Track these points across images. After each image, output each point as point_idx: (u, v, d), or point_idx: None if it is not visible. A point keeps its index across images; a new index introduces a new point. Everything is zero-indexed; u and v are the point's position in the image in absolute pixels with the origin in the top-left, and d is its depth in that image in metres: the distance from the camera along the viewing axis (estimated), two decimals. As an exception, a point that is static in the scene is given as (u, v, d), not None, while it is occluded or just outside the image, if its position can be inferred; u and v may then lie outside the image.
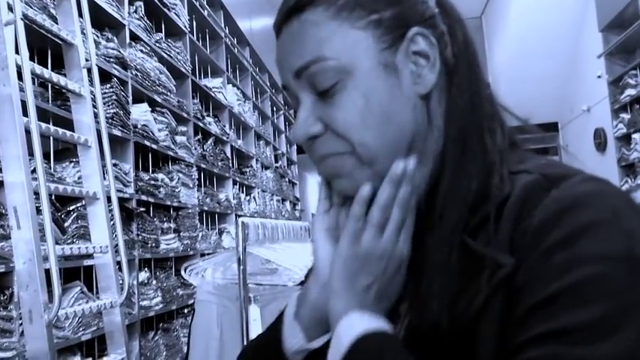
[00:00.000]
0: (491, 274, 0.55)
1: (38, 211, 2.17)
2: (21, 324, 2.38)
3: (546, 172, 0.59)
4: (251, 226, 2.48)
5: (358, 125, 0.61)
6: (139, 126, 3.78)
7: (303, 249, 2.97)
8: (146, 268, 3.89)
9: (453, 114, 0.64)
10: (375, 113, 0.61)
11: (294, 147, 10.03)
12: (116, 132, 3.40)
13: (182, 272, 2.51)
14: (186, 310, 4.41)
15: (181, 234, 4.41)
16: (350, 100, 0.61)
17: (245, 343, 2.32)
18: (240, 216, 5.17)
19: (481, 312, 0.55)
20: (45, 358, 2.10)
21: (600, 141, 7.75)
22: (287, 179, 9.13)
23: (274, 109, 8.80)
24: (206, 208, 5.04)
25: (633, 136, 6.61)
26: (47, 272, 2.12)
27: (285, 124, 9.46)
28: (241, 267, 2.23)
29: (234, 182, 6.05)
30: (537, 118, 0.71)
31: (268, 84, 8.25)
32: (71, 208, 3.00)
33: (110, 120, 3.37)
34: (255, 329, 2.27)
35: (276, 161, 8.52)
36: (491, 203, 0.58)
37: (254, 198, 6.75)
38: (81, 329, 2.95)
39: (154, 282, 3.94)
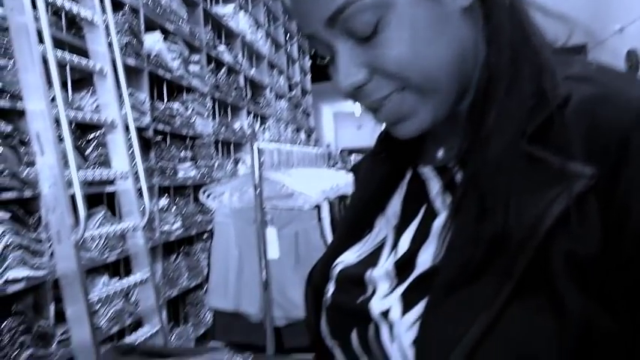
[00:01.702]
0: (566, 185, 0.49)
1: (60, 139, 2.24)
2: (50, 246, 2.51)
3: (606, 74, 0.55)
4: (267, 151, 2.54)
5: (410, 58, 0.55)
6: (152, 55, 3.79)
7: (318, 174, 3.04)
8: (166, 195, 4.00)
9: (497, 20, 0.58)
10: (424, 39, 0.56)
11: (308, 76, 9.93)
12: (130, 61, 3.42)
13: (200, 196, 2.59)
14: (205, 235, 4.56)
15: (198, 162, 4.50)
16: (396, 34, 0.55)
17: (263, 263, 2.43)
18: (255, 145, 5.21)
19: (555, 226, 0.48)
20: (74, 277, 2.22)
21: (632, 64, 7.45)
22: (301, 109, 9.11)
23: (288, 36, 8.66)
24: (221, 138, 5.10)
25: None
26: (72, 198, 2.21)
27: (299, 53, 9.34)
28: (257, 191, 2.30)
29: (248, 112, 6.07)
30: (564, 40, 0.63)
31: (281, 11, 8.09)
32: (91, 136, 3.07)
33: (124, 49, 3.38)
34: (273, 250, 2.36)
35: (290, 90, 8.47)
36: (548, 108, 0.53)
37: (268, 127, 6.78)
38: (106, 251, 3.09)
39: (174, 208, 4.06)
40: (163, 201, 3.93)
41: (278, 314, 2.42)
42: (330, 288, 0.70)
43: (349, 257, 0.72)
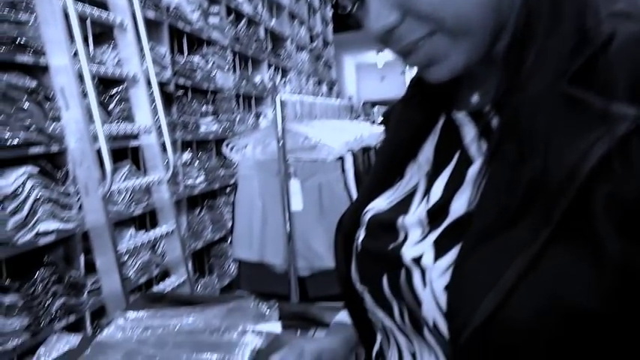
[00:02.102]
0: (609, 126, 0.47)
1: (84, 94, 2.26)
2: (79, 199, 2.57)
3: None
4: (289, 103, 2.53)
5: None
6: (172, 7, 3.77)
7: (341, 126, 3.03)
8: (189, 149, 4.04)
9: None
10: None
11: (330, 27, 9.77)
12: (150, 14, 3.41)
13: (223, 149, 2.61)
14: (228, 189, 4.62)
15: (219, 116, 4.52)
16: None
17: (287, 215, 2.46)
18: (276, 98, 5.20)
19: (597, 168, 0.46)
20: (103, 229, 2.29)
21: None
22: (323, 61, 9.01)
23: (308, -14, 8.49)
24: (242, 91, 5.10)
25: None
26: (97, 152, 2.25)
27: (320, 2, 9.16)
28: (281, 143, 2.31)
29: (269, 65, 6.03)
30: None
31: (301, -41, 7.91)
32: (113, 91, 3.09)
33: (143, 1, 3.36)
34: (296, 202, 2.39)
35: (312, 42, 8.36)
36: (591, 47, 0.51)
37: (289, 80, 6.73)
38: (132, 205, 3.16)
39: (197, 162, 4.11)
40: (186, 155, 3.97)
41: (302, 264, 2.46)
42: (361, 234, 0.70)
43: (380, 204, 0.71)
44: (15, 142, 2.31)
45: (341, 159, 2.45)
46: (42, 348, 1.46)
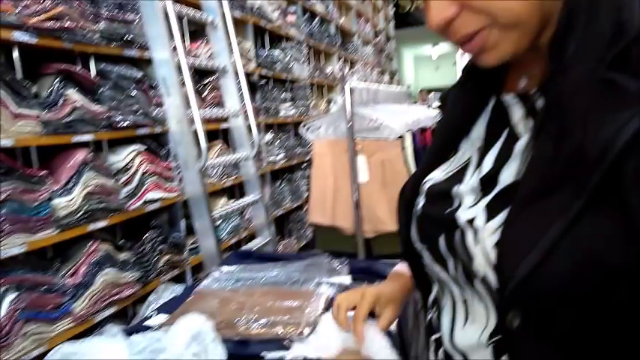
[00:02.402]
0: None
1: (182, 83, 2.29)
2: (179, 172, 2.63)
3: None
4: (357, 90, 2.47)
5: None
6: (255, 8, 3.76)
7: (401, 110, 2.95)
8: (270, 131, 4.06)
9: None
10: None
11: (392, 23, 9.53)
12: (236, 14, 3.41)
13: (300, 129, 2.59)
14: (304, 165, 4.62)
15: (296, 102, 4.51)
16: None
17: (355, 187, 2.42)
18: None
19: (630, 143, 0.46)
20: (200, 198, 2.32)
21: None
22: (385, 53, 8.82)
23: (372, -13, 8.28)
24: (315, 81, 5.06)
25: None
26: (194, 133, 2.28)
27: (383, 2, 8.94)
28: (349, 124, 2.26)
29: (339, 57, 5.97)
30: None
31: (366, -37, 7.71)
32: (206, 81, 3.13)
33: (231, 2, 3.36)
34: (363, 175, 2.35)
35: (375, 37, 8.19)
36: (626, 38, 0.50)
37: (356, 71, 6.63)
38: (224, 177, 3.21)
39: (277, 142, 4.13)
40: (268, 136, 4.00)
41: (367, 228, 2.45)
42: (420, 201, 0.70)
43: (437, 175, 0.71)
44: (125, 124, 2.38)
45: (401, 138, 2.39)
46: (152, 295, 1.50)
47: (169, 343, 1.10)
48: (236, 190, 3.46)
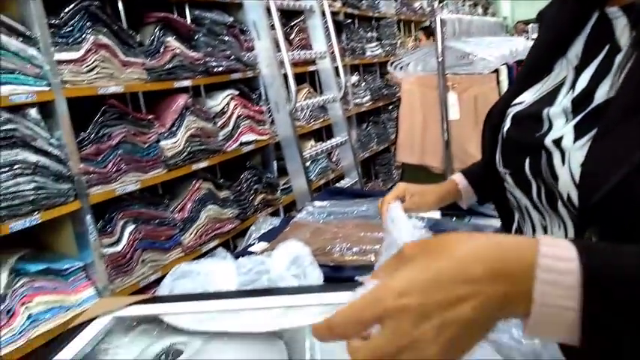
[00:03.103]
0: None
1: (271, 26, 2.36)
2: (270, 115, 2.76)
3: None
4: (448, 22, 2.41)
5: None
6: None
7: (496, 42, 2.83)
8: (356, 72, 4.07)
9: None
10: None
11: (485, -50, 8.88)
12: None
13: (388, 67, 2.59)
14: (390, 107, 4.60)
15: (382, 42, 4.45)
16: None
17: (445, 125, 2.41)
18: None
19: None
20: (291, 139, 2.44)
21: None
22: (477, -16, 8.30)
23: None
24: (403, 17, 4.93)
25: None
26: (284, 77, 2.37)
27: None
28: (440, 59, 2.23)
29: (427, -9, 5.73)
30: None
31: None
32: (293, 22, 3.18)
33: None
34: (454, 112, 2.32)
35: (467, -34, 7.71)
36: None
37: (446, 4, 6.34)
38: (312, 120, 3.31)
39: (363, 84, 4.13)
40: (354, 78, 4.01)
41: (457, 166, 2.43)
42: (507, 124, 0.70)
43: (527, 97, 0.70)
44: (220, 69, 2.51)
45: (496, 71, 2.30)
46: (253, 226, 1.64)
47: (272, 266, 1.23)
48: (323, 134, 3.56)
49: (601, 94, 0.57)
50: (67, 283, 1.79)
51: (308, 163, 3.13)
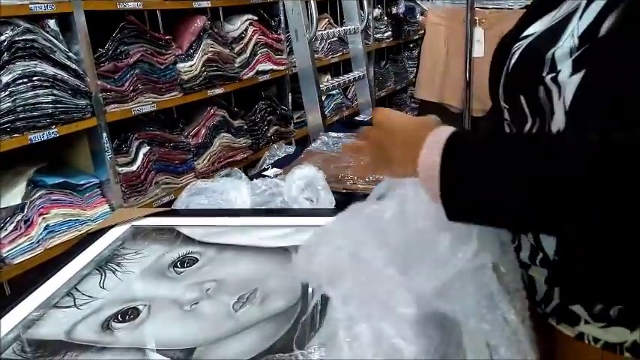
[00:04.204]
0: None
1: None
2: (289, 44, 2.72)
3: None
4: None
5: None
6: None
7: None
8: (379, 5, 3.96)
9: None
10: None
11: None
12: None
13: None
14: (411, 45, 4.50)
15: (408, -25, 4.30)
16: None
17: (468, 62, 2.35)
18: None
19: None
20: (308, 70, 2.41)
21: None
22: None
23: None
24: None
25: None
26: (305, 3, 2.31)
27: None
28: (468, -9, 2.15)
29: None
30: None
31: None
32: (317, -52, 3.07)
33: None
34: (479, 50, 2.27)
35: None
36: None
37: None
38: (330, 53, 3.26)
39: (385, 18, 4.03)
40: (377, 11, 3.90)
41: (476, 106, 2.38)
42: (513, 58, 0.68)
43: (538, 28, 0.68)
44: (240, -8, 2.46)
45: (526, 8, 2.22)
46: (266, 153, 1.67)
47: (286, 188, 1.26)
48: (341, 70, 3.51)
49: (606, 26, 0.55)
50: (82, 198, 1.85)
51: (324, 97, 3.12)
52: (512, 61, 0.68)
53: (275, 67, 2.74)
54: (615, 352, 0.62)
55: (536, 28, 0.69)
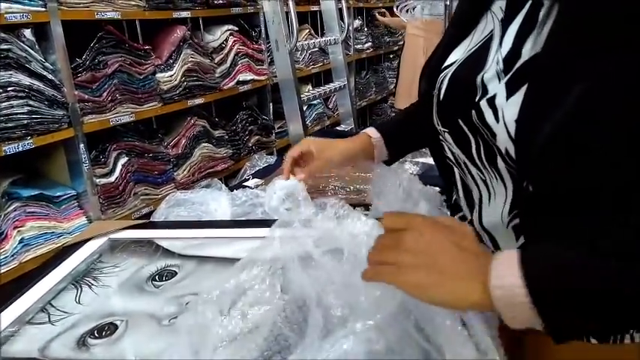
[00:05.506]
0: None
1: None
2: (269, 55, 2.72)
3: None
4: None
5: None
6: None
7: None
8: (359, 17, 3.99)
9: None
10: None
11: None
12: None
13: (395, 10, 2.54)
14: (391, 56, 4.54)
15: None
16: None
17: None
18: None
19: None
20: (289, 80, 2.41)
21: None
22: None
23: None
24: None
25: None
26: (286, 15, 2.32)
27: None
28: (447, 2, 2.19)
29: None
30: None
31: None
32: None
33: None
34: (456, 61, 2.30)
35: None
36: None
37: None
38: (311, 64, 3.27)
39: (366, 29, 4.06)
40: (357, 22, 3.94)
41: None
42: (443, 87, 0.70)
43: (458, 55, 0.70)
44: (220, 1, 2.45)
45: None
46: (247, 163, 1.66)
47: (267, 199, 1.25)
48: (322, 80, 3.53)
49: (528, 48, 0.58)
50: (59, 210, 1.82)
51: (305, 107, 3.13)
52: (442, 90, 0.70)
53: (256, 77, 2.74)
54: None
55: (457, 55, 0.71)
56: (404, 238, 0.51)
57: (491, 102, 0.59)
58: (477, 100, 0.62)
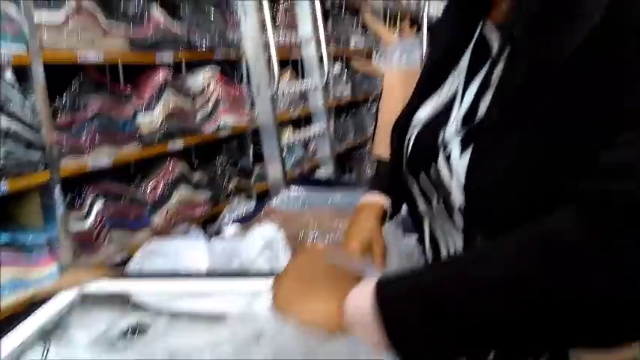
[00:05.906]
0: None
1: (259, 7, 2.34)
2: (250, 99, 2.74)
3: None
4: (434, 17, 2.43)
5: None
6: None
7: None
8: (338, 62, 4.08)
9: None
10: None
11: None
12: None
13: (373, 57, 2.60)
14: (370, 101, 4.63)
15: (367, 32, 4.47)
16: None
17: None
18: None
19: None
20: (270, 125, 2.43)
21: None
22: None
23: None
24: (389, 8, 4.94)
25: None
26: (268, 60, 2.35)
27: None
28: (425, 52, 2.25)
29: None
30: None
31: None
32: (281, 2, 3.16)
33: None
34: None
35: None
36: None
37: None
38: (291, 107, 3.30)
39: (345, 75, 4.14)
40: (336, 68, 4.02)
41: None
42: (410, 143, 0.72)
43: (426, 112, 0.72)
44: (204, 45, 2.48)
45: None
46: (226, 209, 1.64)
47: (244, 249, 1.24)
48: (302, 123, 3.55)
49: (483, 108, 0.60)
50: (29, 256, 1.76)
51: (285, 152, 3.14)
52: (409, 148, 0.72)
53: (237, 121, 2.75)
54: None
55: (425, 111, 0.73)
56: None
57: (448, 159, 0.62)
58: (438, 157, 0.64)
